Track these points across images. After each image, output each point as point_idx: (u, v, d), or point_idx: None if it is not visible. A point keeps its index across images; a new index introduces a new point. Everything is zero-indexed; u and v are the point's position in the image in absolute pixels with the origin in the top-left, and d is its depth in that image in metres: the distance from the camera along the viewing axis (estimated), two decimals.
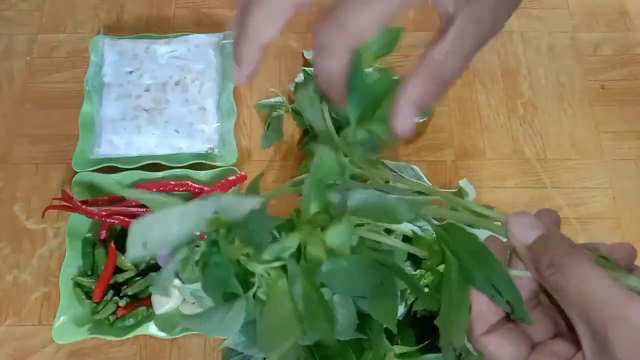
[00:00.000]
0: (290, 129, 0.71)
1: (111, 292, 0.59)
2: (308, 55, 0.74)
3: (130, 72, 0.71)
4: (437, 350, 0.49)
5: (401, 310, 0.49)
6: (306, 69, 0.71)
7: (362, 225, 0.30)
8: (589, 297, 0.23)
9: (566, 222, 0.66)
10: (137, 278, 0.61)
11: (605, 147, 0.71)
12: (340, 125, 0.34)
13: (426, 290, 0.44)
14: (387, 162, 0.64)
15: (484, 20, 0.29)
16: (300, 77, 0.72)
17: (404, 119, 0.29)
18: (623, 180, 0.69)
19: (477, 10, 0.28)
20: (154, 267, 0.62)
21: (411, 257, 0.49)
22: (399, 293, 0.48)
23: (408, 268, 0.50)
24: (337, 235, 0.27)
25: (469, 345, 0.37)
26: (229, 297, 0.29)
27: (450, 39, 0.29)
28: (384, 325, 0.47)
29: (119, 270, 0.61)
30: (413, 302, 0.49)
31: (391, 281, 0.29)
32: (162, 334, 0.59)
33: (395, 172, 0.63)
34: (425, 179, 0.66)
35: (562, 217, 0.70)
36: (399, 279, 0.29)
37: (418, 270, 0.48)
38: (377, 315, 0.29)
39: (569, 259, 0.24)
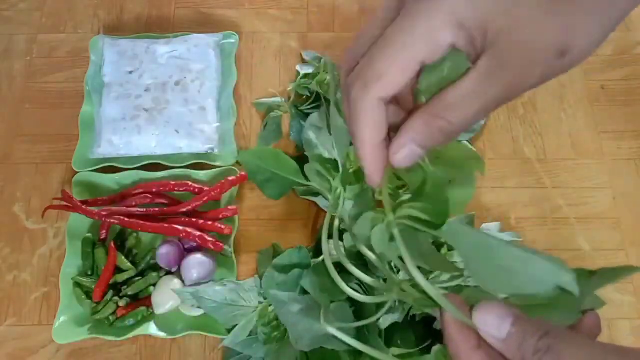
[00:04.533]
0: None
1: (111, 292, 0.59)
2: (307, 56, 0.74)
3: (130, 72, 0.71)
4: None
5: (400, 313, 0.50)
6: (297, 67, 0.72)
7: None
8: None
9: (566, 222, 0.66)
10: (137, 278, 0.61)
11: (605, 147, 0.71)
12: None
13: None
14: None
15: (512, 67, 0.24)
16: (299, 75, 0.72)
17: (400, 155, 0.27)
18: (623, 180, 0.69)
19: (505, 52, 0.24)
20: (154, 267, 0.62)
21: None
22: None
23: None
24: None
25: None
26: None
27: (469, 82, 0.25)
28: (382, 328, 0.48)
29: (119, 270, 0.61)
30: (412, 305, 0.49)
31: None
32: (162, 334, 0.59)
33: None
34: None
35: (562, 217, 0.70)
36: None
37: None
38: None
39: (551, 339, 0.24)
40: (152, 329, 0.59)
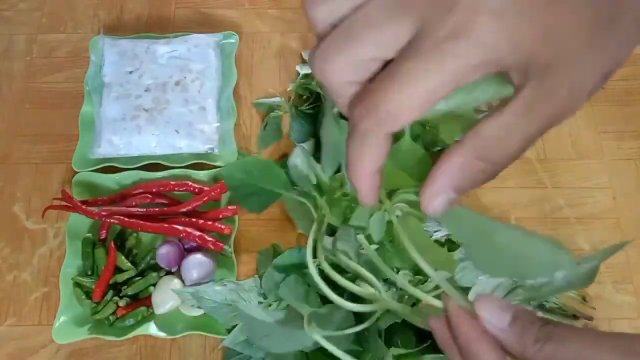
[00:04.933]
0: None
1: (111, 292, 0.59)
2: (307, 56, 0.74)
3: (130, 72, 0.71)
4: (436, 351, 0.49)
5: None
6: (297, 67, 0.72)
7: None
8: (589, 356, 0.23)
9: (566, 222, 0.66)
10: (137, 278, 0.61)
11: (605, 147, 0.71)
12: None
13: None
14: None
15: (560, 94, 0.22)
16: (299, 75, 0.72)
17: (435, 204, 0.24)
18: (623, 180, 0.69)
19: (554, 80, 0.21)
20: (154, 267, 0.62)
21: None
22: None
23: None
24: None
25: None
26: None
27: (512, 111, 0.22)
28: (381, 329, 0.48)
29: (119, 270, 0.61)
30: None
31: None
32: (162, 334, 0.59)
33: None
34: None
35: (562, 217, 0.70)
36: None
37: None
38: None
39: (551, 327, 0.24)
40: (152, 329, 0.59)
